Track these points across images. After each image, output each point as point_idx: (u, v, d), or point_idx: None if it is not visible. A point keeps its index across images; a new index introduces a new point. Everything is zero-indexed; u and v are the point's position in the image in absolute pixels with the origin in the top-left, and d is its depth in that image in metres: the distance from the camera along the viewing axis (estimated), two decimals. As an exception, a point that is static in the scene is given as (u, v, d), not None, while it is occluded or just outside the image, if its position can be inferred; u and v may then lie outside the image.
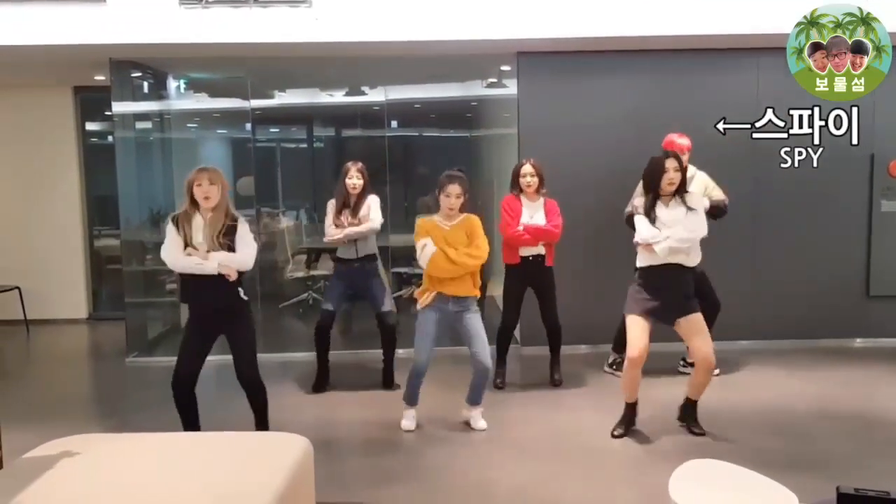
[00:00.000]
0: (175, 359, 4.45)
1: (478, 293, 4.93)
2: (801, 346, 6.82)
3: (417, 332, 4.88)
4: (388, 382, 5.92)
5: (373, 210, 5.69)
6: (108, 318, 8.54)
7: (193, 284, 4.28)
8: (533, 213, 5.63)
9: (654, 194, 4.68)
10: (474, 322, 4.85)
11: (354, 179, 5.66)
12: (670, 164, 4.62)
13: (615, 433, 4.83)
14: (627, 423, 4.87)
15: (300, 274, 8.82)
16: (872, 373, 6.15)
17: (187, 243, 4.24)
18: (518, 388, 5.59)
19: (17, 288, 8.38)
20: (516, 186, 5.71)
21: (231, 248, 4.26)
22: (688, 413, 4.91)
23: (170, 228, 4.31)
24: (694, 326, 4.64)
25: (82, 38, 6.03)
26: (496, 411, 5.28)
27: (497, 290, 6.60)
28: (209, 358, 4.49)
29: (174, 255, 4.28)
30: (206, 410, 4.56)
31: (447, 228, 4.83)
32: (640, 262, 4.73)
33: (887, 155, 6.83)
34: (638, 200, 4.79)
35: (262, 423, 4.62)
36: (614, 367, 6.02)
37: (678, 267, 4.61)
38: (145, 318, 7.78)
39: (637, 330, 4.66)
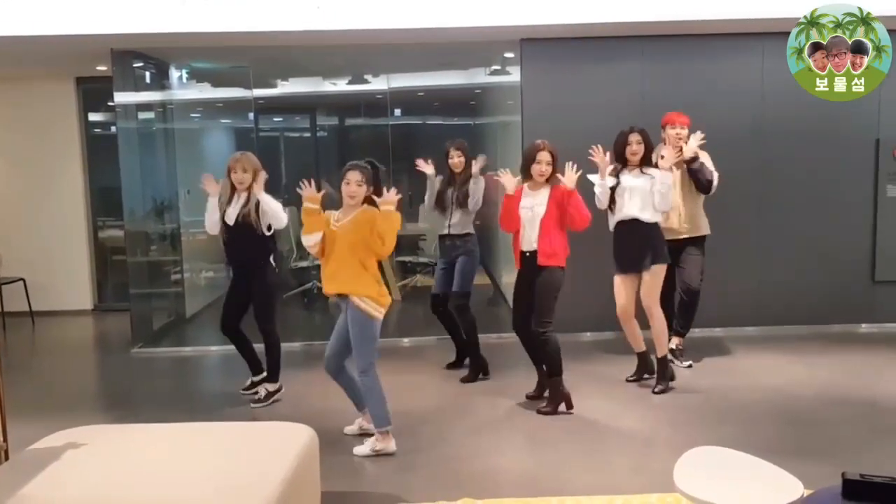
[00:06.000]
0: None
1: (362, 293, 4.30)
2: (807, 332, 6.81)
3: None
4: (473, 368, 5.83)
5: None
6: (113, 309, 8.57)
7: (229, 246, 5.31)
8: (532, 202, 4.91)
9: (621, 164, 5.29)
10: (351, 322, 4.36)
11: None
12: (633, 137, 5.23)
13: (629, 378, 5.58)
14: (639, 371, 5.58)
15: (304, 263, 8.82)
16: (878, 358, 6.13)
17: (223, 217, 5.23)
18: (525, 376, 5.58)
19: (22, 280, 8.39)
20: (527, 173, 4.95)
21: (256, 213, 5.17)
22: (658, 369, 5.45)
23: (212, 201, 5.27)
24: (649, 279, 5.28)
25: (84, 29, 6.03)
26: (503, 398, 5.29)
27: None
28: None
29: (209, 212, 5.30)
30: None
31: (336, 227, 4.35)
32: (610, 225, 5.40)
33: (892, 140, 6.80)
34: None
35: (272, 375, 5.39)
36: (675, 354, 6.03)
37: (634, 221, 5.22)
38: (150, 308, 7.79)
39: (618, 288, 5.40)
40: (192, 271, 8.61)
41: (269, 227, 5.22)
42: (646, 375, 5.56)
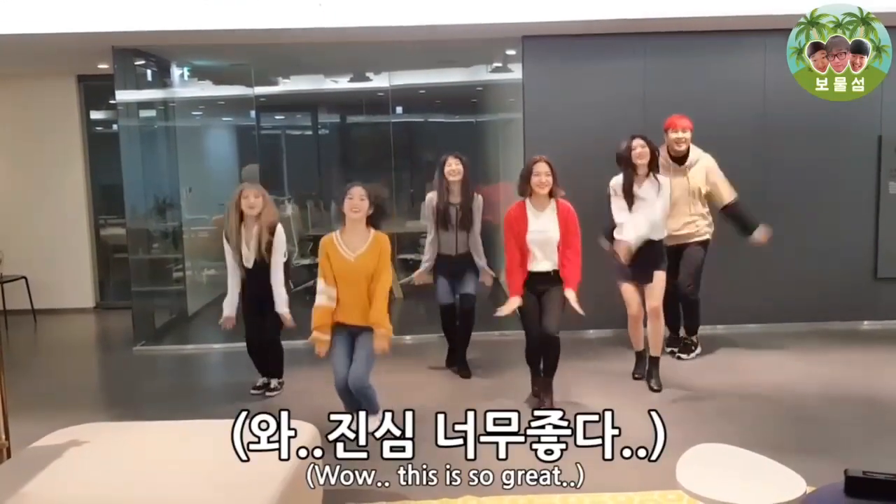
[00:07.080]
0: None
1: (372, 323, 4.45)
2: (809, 329, 6.80)
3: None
4: (461, 366, 5.90)
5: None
6: (115, 307, 8.56)
7: (251, 286, 5.33)
8: (543, 225, 4.89)
9: (629, 174, 5.19)
10: (360, 342, 4.52)
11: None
12: (637, 142, 5.18)
13: (636, 375, 5.57)
14: (639, 368, 5.58)
15: (306, 261, 8.82)
16: (880, 355, 6.12)
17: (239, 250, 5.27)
18: (525, 374, 5.56)
19: (24, 278, 8.39)
20: (526, 187, 4.90)
21: (270, 252, 5.25)
22: (651, 369, 5.42)
23: (225, 246, 5.33)
24: (654, 284, 5.29)
25: (85, 27, 6.03)
26: (505, 397, 5.30)
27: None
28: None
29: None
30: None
31: (351, 259, 4.40)
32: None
33: (895, 137, 6.78)
34: (615, 181, 5.27)
35: (277, 373, 5.62)
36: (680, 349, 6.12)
37: (646, 241, 5.22)
38: (152, 306, 7.78)
39: (629, 293, 5.38)
40: (193, 269, 8.61)
41: (285, 254, 5.40)
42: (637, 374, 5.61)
